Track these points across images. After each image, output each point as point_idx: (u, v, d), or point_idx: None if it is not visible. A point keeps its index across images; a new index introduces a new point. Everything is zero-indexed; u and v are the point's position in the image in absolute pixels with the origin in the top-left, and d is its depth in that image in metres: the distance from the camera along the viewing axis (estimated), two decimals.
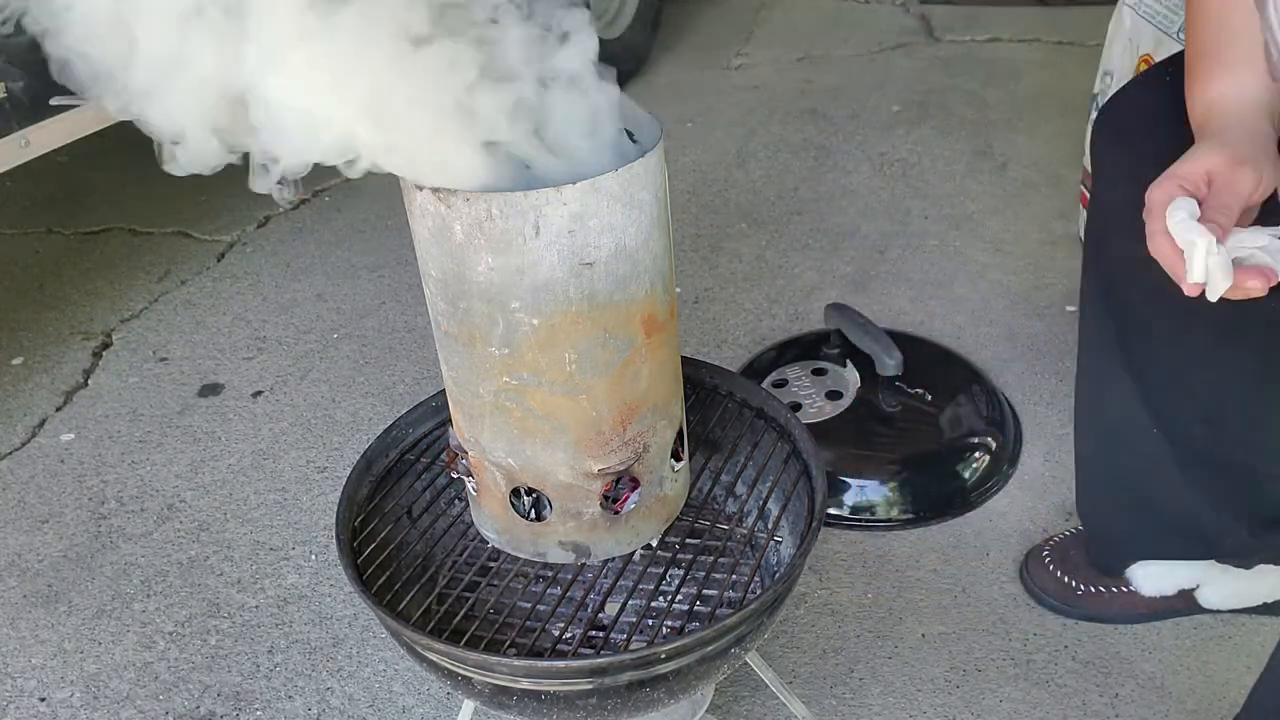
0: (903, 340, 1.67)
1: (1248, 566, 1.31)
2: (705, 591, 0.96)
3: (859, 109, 2.86)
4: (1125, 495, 1.28)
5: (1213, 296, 0.77)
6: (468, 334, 0.84)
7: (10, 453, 1.83)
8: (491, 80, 0.77)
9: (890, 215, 2.34)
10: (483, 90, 0.77)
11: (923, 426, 1.64)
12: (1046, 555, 1.40)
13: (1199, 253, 0.76)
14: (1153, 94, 1.05)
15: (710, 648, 0.86)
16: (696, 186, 2.54)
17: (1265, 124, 0.86)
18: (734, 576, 1.00)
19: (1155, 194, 0.81)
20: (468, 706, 1.14)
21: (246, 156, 0.75)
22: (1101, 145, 1.11)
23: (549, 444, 0.87)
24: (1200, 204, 0.79)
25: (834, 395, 1.68)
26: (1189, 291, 0.78)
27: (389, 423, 1.10)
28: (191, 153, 0.73)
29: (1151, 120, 1.01)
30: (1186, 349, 1.11)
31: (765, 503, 1.03)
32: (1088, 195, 1.93)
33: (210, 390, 1.96)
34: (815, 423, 1.62)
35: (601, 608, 0.95)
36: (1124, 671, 1.30)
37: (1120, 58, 1.87)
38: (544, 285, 0.79)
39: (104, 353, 2.09)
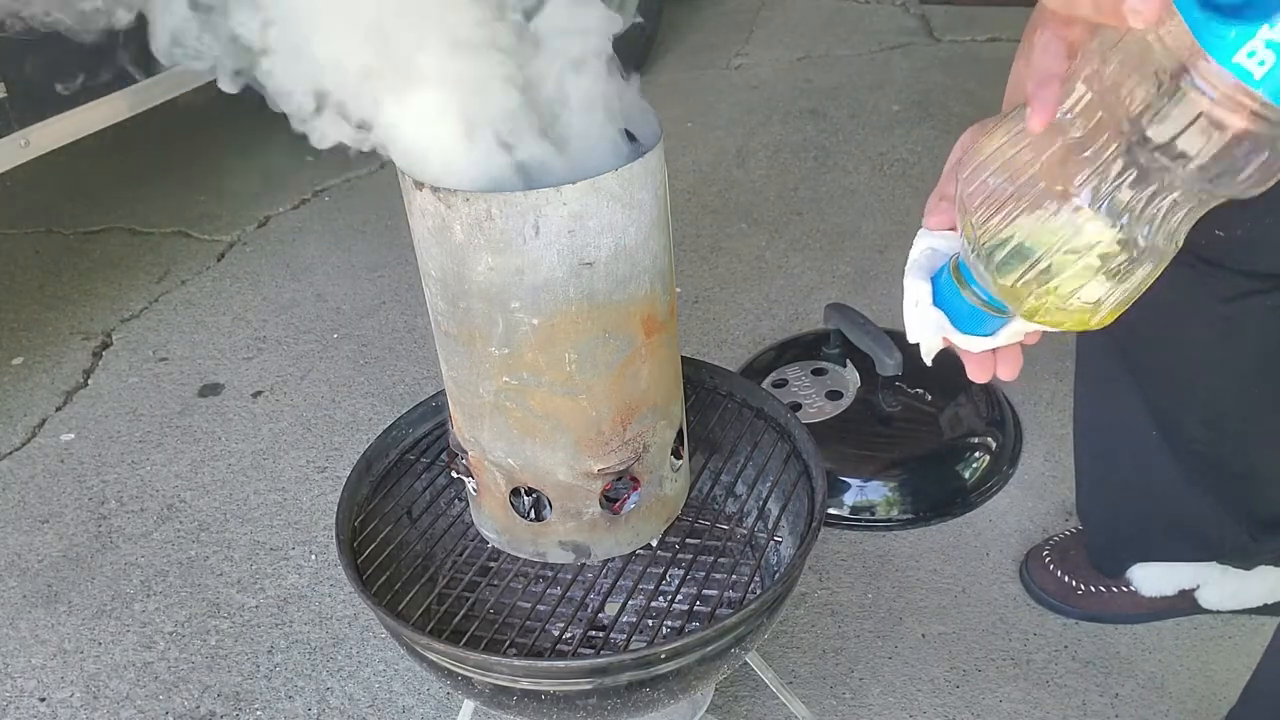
0: (903, 340, 1.67)
1: (1248, 567, 1.31)
2: (705, 591, 0.96)
3: (859, 109, 2.86)
4: (1125, 496, 1.28)
5: (927, 357, 0.69)
6: (468, 334, 0.84)
7: (10, 453, 1.83)
8: (498, 76, 0.77)
9: (890, 215, 2.34)
10: (489, 85, 0.77)
11: (923, 426, 1.63)
12: (1046, 555, 1.40)
13: (906, 307, 0.67)
14: None
15: (710, 648, 0.86)
16: (696, 186, 2.54)
17: None
18: (734, 576, 1.00)
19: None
20: (468, 706, 1.14)
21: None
22: None
23: (549, 444, 0.87)
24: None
25: (834, 395, 1.67)
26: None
27: (389, 423, 1.10)
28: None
29: None
30: (1186, 350, 1.11)
31: (765, 503, 1.03)
32: None
33: (210, 390, 1.96)
34: (815, 423, 1.62)
35: (601, 608, 0.95)
36: (1124, 671, 1.30)
37: None
38: (544, 285, 0.79)
39: (104, 353, 2.09)
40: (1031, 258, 0.56)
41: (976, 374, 0.68)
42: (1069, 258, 0.55)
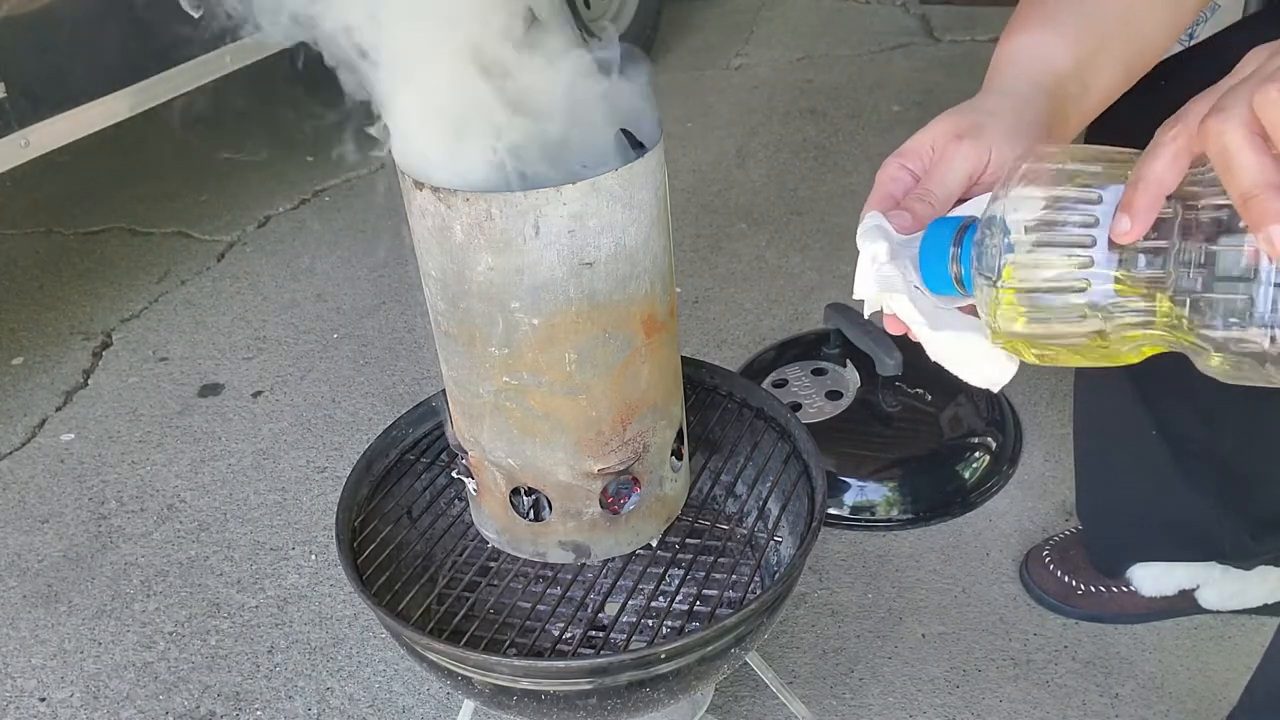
0: (903, 340, 1.67)
1: (1248, 568, 1.31)
2: (705, 591, 0.96)
3: (859, 109, 2.86)
4: (1125, 497, 1.28)
5: (866, 312, 0.68)
6: (468, 334, 0.84)
7: (10, 453, 1.83)
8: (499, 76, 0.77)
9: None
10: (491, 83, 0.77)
11: (922, 426, 1.63)
12: (1046, 555, 1.40)
13: (862, 262, 0.65)
14: (1145, 93, 1.05)
15: (710, 648, 0.86)
16: (696, 186, 2.54)
17: (1037, 92, 0.72)
18: (734, 576, 1.00)
19: (879, 175, 0.71)
20: (468, 706, 1.14)
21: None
22: (1092, 142, 1.11)
23: (549, 444, 0.87)
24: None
25: (834, 395, 1.68)
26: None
27: (389, 423, 1.10)
28: None
29: (1144, 117, 1.01)
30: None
31: (765, 503, 1.03)
32: None
33: (210, 390, 1.96)
34: (815, 423, 1.62)
35: (601, 608, 0.95)
36: (1124, 671, 1.30)
37: None
38: (544, 285, 0.79)
39: (104, 353, 2.10)
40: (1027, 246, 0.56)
41: (892, 326, 0.70)
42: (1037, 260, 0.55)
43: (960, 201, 0.70)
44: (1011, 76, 0.74)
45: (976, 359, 0.66)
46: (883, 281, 0.65)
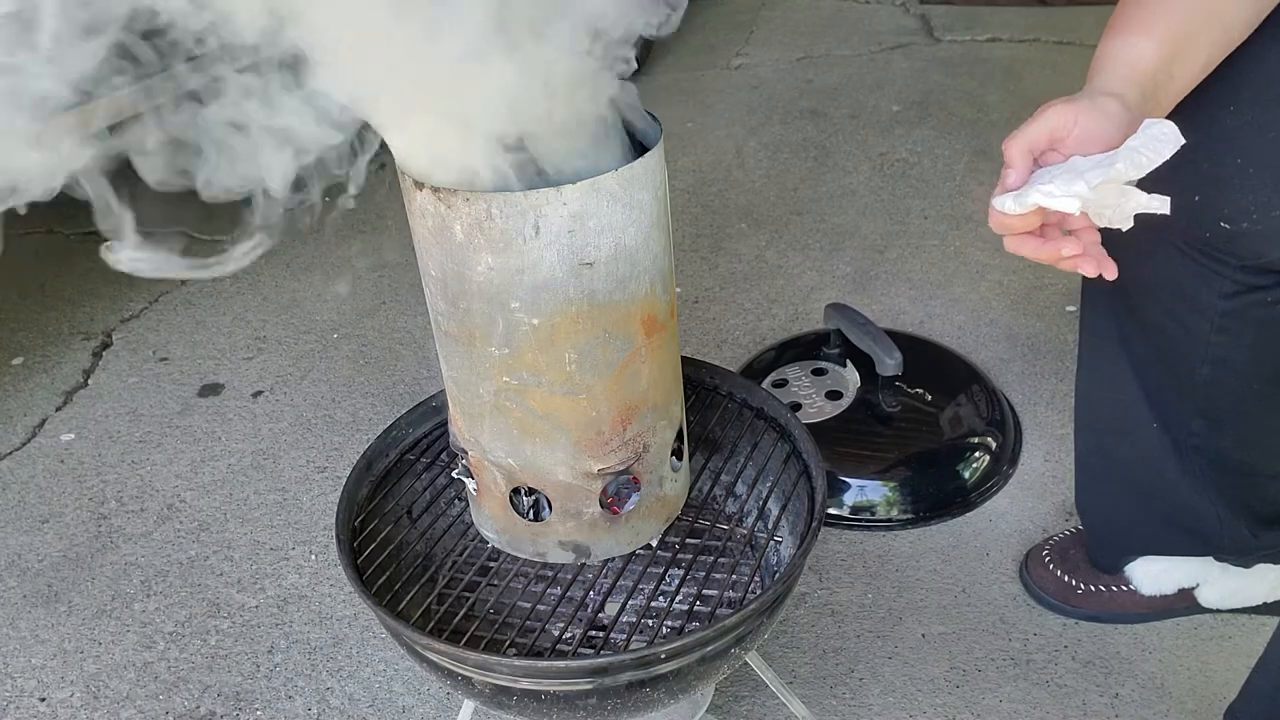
0: (903, 340, 1.67)
1: (1247, 565, 1.31)
2: (705, 591, 0.96)
3: (859, 109, 2.86)
4: (1124, 489, 1.29)
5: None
6: (468, 334, 0.84)
7: (10, 453, 1.83)
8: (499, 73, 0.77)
9: (890, 215, 2.34)
10: (490, 81, 0.77)
11: (923, 426, 1.63)
12: (1046, 555, 1.41)
13: (1050, 203, 0.77)
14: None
15: (710, 648, 0.86)
16: (696, 186, 2.54)
17: (1127, 87, 0.83)
18: (734, 576, 1.00)
19: (1010, 149, 0.83)
20: (468, 706, 1.14)
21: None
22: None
23: (549, 444, 0.87)
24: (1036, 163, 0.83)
25: (834, 395, 1.68)
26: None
27: (389, 423, 1.10)
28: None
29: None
30: (1187, 345, 1.11)
31: (765, 503, 1.03)
32: None
33: (210, 390, 1.96)
34: (815, 423, 1.62)
35: (601, 608, 0.95)
36: (1124, 671, 1.30)
37: None
38: (544, 285, 0.79)
39: (104, 353, 2.10)
40: None
41: (1089, 268, 0.81)
42: None
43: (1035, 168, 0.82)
44: (1105, 76, 0.85)
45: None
46: (1069, 192, 0.75)
